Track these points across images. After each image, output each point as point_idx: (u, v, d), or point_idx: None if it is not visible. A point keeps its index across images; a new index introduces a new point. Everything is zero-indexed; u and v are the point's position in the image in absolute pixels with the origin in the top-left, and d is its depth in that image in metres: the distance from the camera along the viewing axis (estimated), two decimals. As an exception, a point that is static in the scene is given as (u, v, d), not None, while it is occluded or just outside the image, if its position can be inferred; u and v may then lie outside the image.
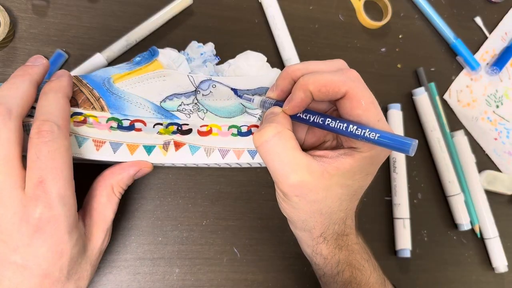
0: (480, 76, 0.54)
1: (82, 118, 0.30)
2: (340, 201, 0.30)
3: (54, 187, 0.25)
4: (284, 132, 0.29)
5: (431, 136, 0.49)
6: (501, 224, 0.49)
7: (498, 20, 0.56)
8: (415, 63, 0.51)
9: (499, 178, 0.51)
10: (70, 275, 0.27)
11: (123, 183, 0.31)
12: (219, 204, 0.41)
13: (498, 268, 0.48)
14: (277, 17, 0.45)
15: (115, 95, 0.32)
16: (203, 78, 0.34)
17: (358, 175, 0.30)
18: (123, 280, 0.38)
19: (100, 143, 0.30)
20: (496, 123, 0.53)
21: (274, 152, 0.29)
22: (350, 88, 0.28)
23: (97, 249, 0.30)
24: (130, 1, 0.42)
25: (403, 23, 0.51)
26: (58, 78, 0.29)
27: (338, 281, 0.33)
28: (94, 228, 0.30)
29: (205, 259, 0.40)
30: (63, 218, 0.26)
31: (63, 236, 0.26)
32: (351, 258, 0.33)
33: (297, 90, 0.29)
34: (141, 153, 0.32)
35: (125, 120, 0.31)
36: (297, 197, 0.29)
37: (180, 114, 0.34)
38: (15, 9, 0.38)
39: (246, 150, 0.35)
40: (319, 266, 0.33)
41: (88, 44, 0.40)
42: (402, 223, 0.45)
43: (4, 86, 0.27)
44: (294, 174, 0.28)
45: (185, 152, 0.33)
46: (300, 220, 0.31)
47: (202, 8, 0.44)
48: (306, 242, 0.33)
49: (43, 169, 0.25)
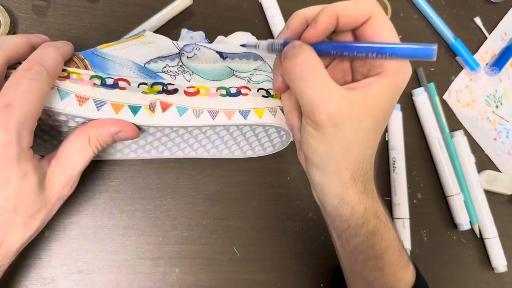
0: (479, 76, 0.54)
1: (65, 74, 0.30)
2: (369, 134, 0.30)
3: (17, 114, 0.25)
4: (315, 57, 0.29)
5: (431, 136, 0.49)
6: (500, 224, 0.49)
7: (497, 20, 0.56)
8: (414, 63, 0.51)
9: (499, 178, 0.51)
10: (18, 209, 0.26)
11: (101, 137, 0.30)
12: (219, 204, 0.41)
13: (498, 268, 0.48)
14: (277, 17, 0.45)
15: (99, 57, 0.32)
16: (187, 43, 0.34)
17: (384, 105, 0.30)
18: (123, 280, 0.38)
19: (83, 99, 0.30)
20: (496, 123, 0.53)
21: (309, 78, 0.28)
22: (375, 11, 0.29)
23: (56, 192, 0.28)
24: (130, 1, 0.42)
25: (402, 23, 0.52)
26: (63, 42, 0.31)
27: (362, 233, 0.32)
28: (58, 169, 0.29)
29: (205, 259, 0.40)
30: (14, 144, 0.25)
31: (10, 163, 0.25)
32: (376, 206, 0.32)
33: (323, 14, 0.28)
34: (127, 113, 0.31)
35: (109, 78, 0.31)
36: (334, 127, 0.28)
37: (165, 75, 0.33)
38: (15, 9, 0.38)
39: (237, 110, 0.33)
40: (345, 218, 0.32)
41: (88, 44, 0.40)
42: (401, 223, 0.45)
43: (2, 36, 0.29)
44: (332, 101, 0.27)
45: (173, 114, 0.32)
46: (332, 160, 0.30)
47: (202, 8, 0.44)
48: (333, 190, 0.31)
49: (15, 97, 0.25)
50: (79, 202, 0.37)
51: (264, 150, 0.40)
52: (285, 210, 0.43)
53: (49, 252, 0.36)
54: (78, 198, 0.37)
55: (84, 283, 0.37)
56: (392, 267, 0.33)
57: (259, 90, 0.35)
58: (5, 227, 0.26)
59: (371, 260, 0.33)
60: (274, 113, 0.34)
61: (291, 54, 0.29)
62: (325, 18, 0.28)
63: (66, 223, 0.37)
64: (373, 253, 0.32)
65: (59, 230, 0.37)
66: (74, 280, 0.36)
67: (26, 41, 0.29)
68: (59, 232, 0.36)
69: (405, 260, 0.34)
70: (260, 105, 0.34)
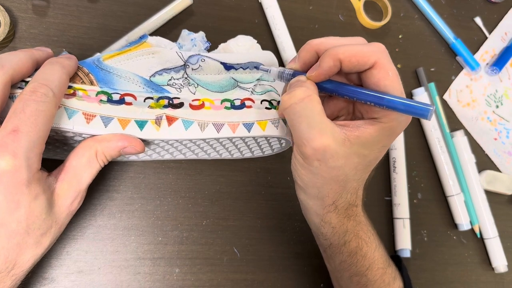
0: (480, 76, 0.54)
1: (71, 91, 0.30)
2: (356, 170, 0.31)
3: (26, 139, 0.25)
4: (314, 96, 0.30)
5: (431, 136, 0.49)
6: (500, 224, 0.49)
7: (498, 20, 0.56)
8: (415, 63, 0.51)
9: (499, 178, 0.51)
10: (30, 229, 0.26)
11: (108, 152, 0.30)
12: (219, 204, 0.41)
13: (498, 268, 0.48)
14: (277, 17, 0.45)
15: (105, 71, 0.31)
16: (192, 53, 0.34)
17: (375, 146, 0.31)
18: (123, 280, 0.38)
19: (90, 116, 0.30)
20: (496, 123, 0.53)
21: (303, 114, 0.29)
22: (379, 59, 0.29)
23: (65, 208, 0.29)
24: (130, 1, 0.42)
25: (403, 23, 0.51)
26: (67, 57, 0.30)
27: (344, 252, 0.34)
28: (66, 185, 0.29)
29: (205, 259, 0.40)
30: (24, 170, 0.25)
31: (20, 187, 0.25)
32: (358, 228, 0.34)
33: (326, 57, 0.29)
34: (133, 128, 0.31)
35: (115, 93, 0.31)
36: (319, 161, 0.30)
37: (170, 88, 0.33)
38: (15, 9, 0.38)
39: (241, 123, 0.34)
40: (326, 236, 0.34)
41: (88, 44, 0.40)
42: (402, 223, 0.45)
43: (5, 53, 0.28)
44: (320, 138, 0.29)
45: (178, 127, 0.32)
46: (316, 187, 0.32)
47: (202, 8, 0.44)
48: (316, 211, 0.33)
49: (23, 121, 0.25)
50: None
51: (263, 153, 0.41)
52: (285, 210, 0.43)
53: (48, 252, 0.36)
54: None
55: (84, 283, 0.37)
56: (376, 283, 0.35)
57: (262, 102, 0.35)
58: (18, 249, 0.26)
59: (356, 277, 0.35)
60: (277, 125, 0.35)
61: (291, 88, 0.30)
62: (329, 62, 0.29)
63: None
64: (356, 270, 0.34)
65: (59, 230, 0.37)
66: (74, 280, 0.36)
67: (29, 57, 0.29)
68: (59, 232, 0.37)
69: (390, 277, 0.36)
70: (263, 117, 0.35)
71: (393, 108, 0.29)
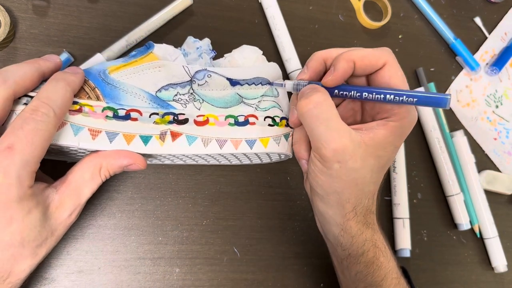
0: (479, 76, 0.54)
1: (77, 107, 0.30)
2: (372, 172, 0.32)
3: (19, 157, 0.25)
4: (330, 100, 0.31)
5: (431, 136, 0.49)
6: (500, 224, 0.49)
7: (497, 20, 0.56)
8: (414, 63, 0.51)
9: (499, 178, 0.51)
10: (25, 242, 0.26)
11: (112, 168, 0.31)
12: (219, 204, 0.41)
13: (498, 267, 0.48)
14: (277, 17, 0.45)
15: (111, 85, 0.31)
16: (198, 68, 0.34)
17: (389, 147, 0.32)
18: (123, 280, 0.38)
19: (96, 132, 0.30)
20: (496, 123, 0.53)
21: (321, 118, 0.30)
22: (388, 60, 0.31)
23: (62, 220, 0.29)
24: (130, 2, 0.42)
25: (402, 23, 0.52)
26: (73, 72, 0.30)
27: (361, 262, 0.34)
28: (66, 198, 0.29)
29: (205, 259, 0.40)
30: (14, 188, 0.25)
31: (11, 204, 0.25)
32: (376, 237, 0.34)
33: (341, 61, 0.31)
34: (138, 143, 0.31)
35: (121, 109, 0.31)
36: (339, 163, 0.30)
37: (176, 104, 0.33)
38: (15, 9, 0.38)
39: (244, 140, 0.34)
40: (345, 246, 0.34)
41: (89, 44, 0.40)
42: (401, 223, 0.45)
43: (10, 65, 0.28)
44: (339, 138, 0.30)
45: (182, 143, 0.33)
46: (336, 192, 0.32)
47: (202, 8, 0.44)
48: (335, 220, 0.33)
49: (20, 138, 0.25)
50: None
51: (261, 161, 0.41)
52: (285, 210, 0.43)
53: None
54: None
55: (84, 283, 0.37)
56: None
57: (265, 119, 0.35)
58: (13, 260, 0.26)
59: (371, 287, 0.34)
60: (278, 141, 0.35)
61: (307, 94, 0.31)
62: (344, 64, 0.31)
63: (66, 223, 0.37)
64: (372, 280, 0.34)
65: (59, 230, 0.37)
66: (74, 280, 0.36)
67: (35, 70, 0.29)
68: (59, 232, 0.37)
69: (403, 287, 0.36)
70: (265, 134, 0.35)
71: (412, 100, 0.30)
